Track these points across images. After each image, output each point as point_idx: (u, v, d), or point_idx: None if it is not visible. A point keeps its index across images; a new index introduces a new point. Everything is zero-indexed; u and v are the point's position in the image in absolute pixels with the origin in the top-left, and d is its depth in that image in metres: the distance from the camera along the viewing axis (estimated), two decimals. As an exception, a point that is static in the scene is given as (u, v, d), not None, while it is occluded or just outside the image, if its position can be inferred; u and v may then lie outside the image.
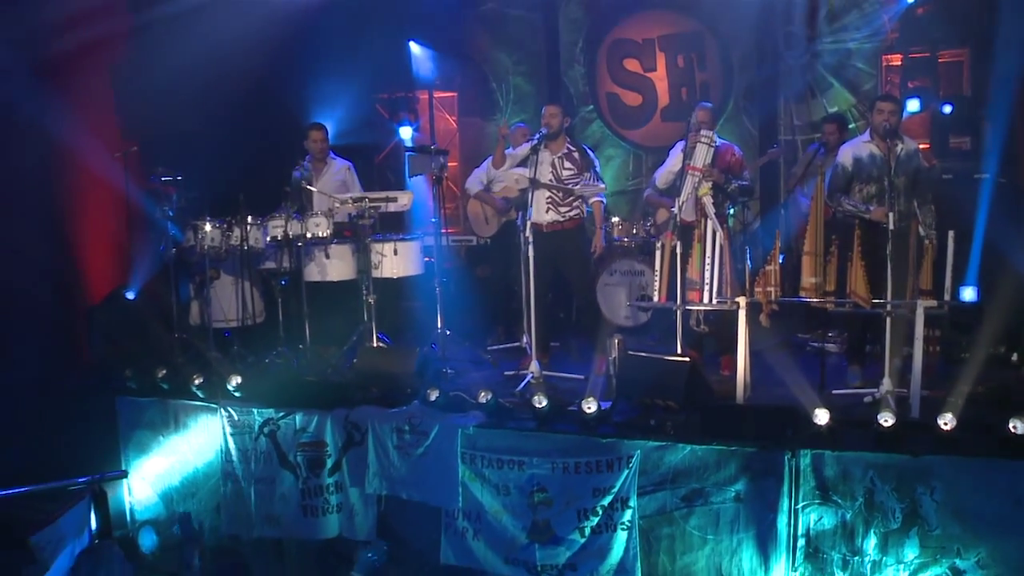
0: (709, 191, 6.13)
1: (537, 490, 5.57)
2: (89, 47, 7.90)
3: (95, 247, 8.11)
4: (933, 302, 5.56)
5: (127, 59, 8.20)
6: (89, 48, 7.90)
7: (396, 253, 7.19)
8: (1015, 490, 4.80)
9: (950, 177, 7.23)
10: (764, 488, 5.18)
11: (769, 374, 6.23)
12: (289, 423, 6.22)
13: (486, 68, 10.77)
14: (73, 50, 7.72)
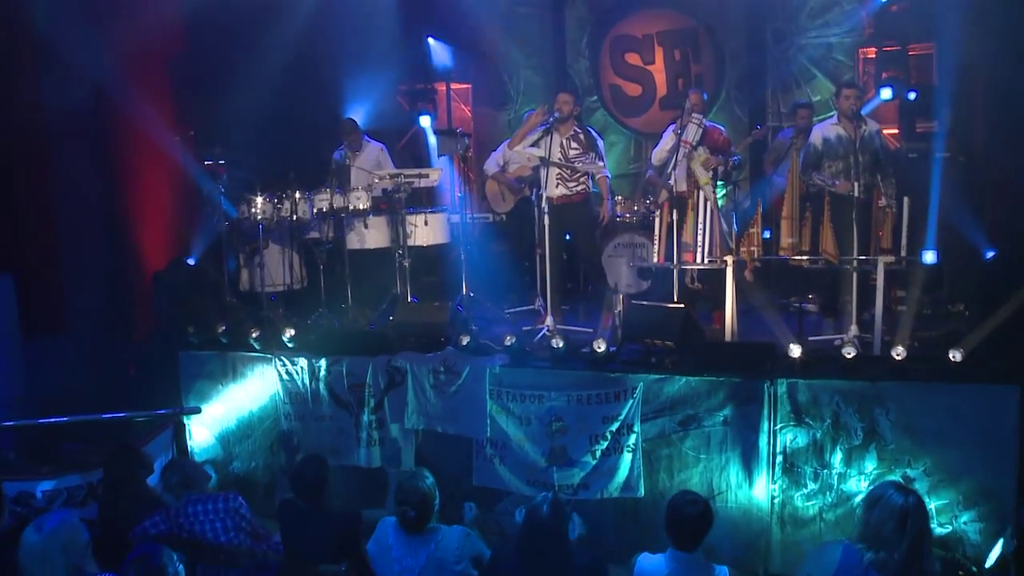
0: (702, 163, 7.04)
1: (555, 420, 6.49)
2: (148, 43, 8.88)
3: (158, 221, 9.07)
4: (891, 258, 6.51)
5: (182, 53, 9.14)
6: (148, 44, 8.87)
7: (427, 224, 8.13)
8: (954, 409, 5.73)
9: (915, 156, 8.14)
10: (747, 413, 6.10)
11: (754, 326, 7.17)
12: (338, 369, 7.13)
13: (498, 62, 11.60)
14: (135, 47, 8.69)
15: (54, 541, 3.85)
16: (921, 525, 3.76)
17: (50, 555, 3.84)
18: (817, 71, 10.21)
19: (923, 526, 3.78)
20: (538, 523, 3.99)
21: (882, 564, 3.72)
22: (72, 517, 4.01)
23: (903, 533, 3.71)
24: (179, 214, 9.33)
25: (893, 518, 3.75)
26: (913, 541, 3.70)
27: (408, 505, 4.40)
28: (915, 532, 3.71)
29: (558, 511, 4.04)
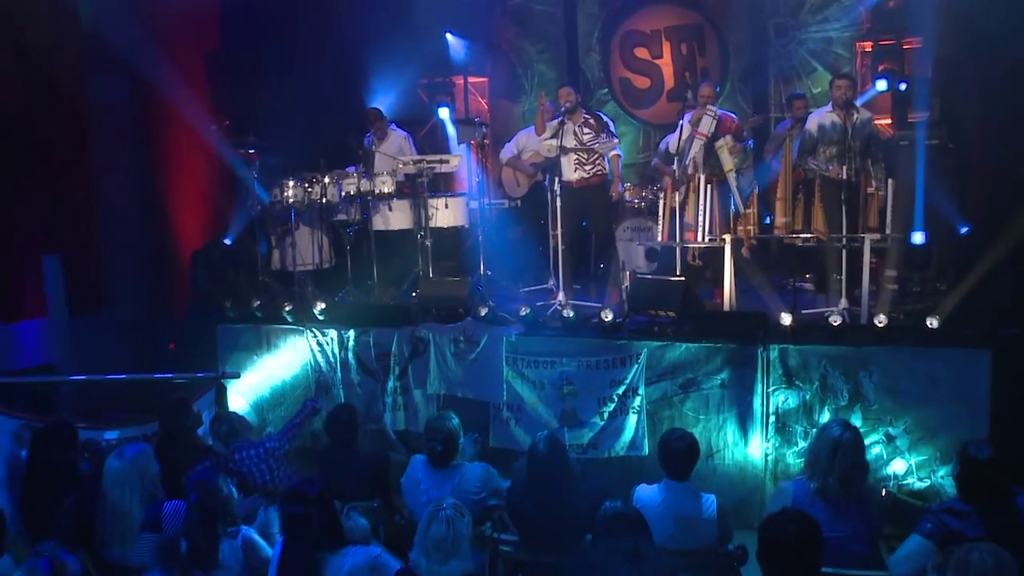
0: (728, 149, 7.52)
1: (566, 384, 7.05)
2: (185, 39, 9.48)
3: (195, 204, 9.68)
4: (877, 236, 7.03)
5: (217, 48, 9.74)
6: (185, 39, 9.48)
7: (447, 207, 8.69)
8: (931, 372, 6.28)
9: (906, 144, 8.62)
10: (743, 376, 6.66)
11: (752, 301, 7.69)
12: (365, 339, 7.71)
13: (513, 56, 12.05)
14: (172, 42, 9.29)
15: (133, 467, 4.44)
16: (851, 456, 4.33)
17: (130, 479, 4.42)
18: (817, 64, 10.68)
19: (853, 457, 4.34)
20: (539, 458, 4.57)
21: (821, 491, 4.30)
22: (147, 448, 4.59)
23: (834, 462, 4.28)
24: (215, 198, 9.94)
25: (826, 449, 4.35)
26: (844, 470, 4.28)
27: (436, 440, 4.97)
28: (845, 463, 4.29)
29: (555, 446, 4.61)
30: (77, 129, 9.08)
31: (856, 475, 4.33)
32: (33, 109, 8.61)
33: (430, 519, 3.72)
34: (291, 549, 3.96)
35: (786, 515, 3.44)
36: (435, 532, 3.69)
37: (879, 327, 6.42)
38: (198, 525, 4.17)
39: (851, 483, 4.30)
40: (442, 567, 3.68)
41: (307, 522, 3.89)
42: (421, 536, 3.72)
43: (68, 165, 9.00)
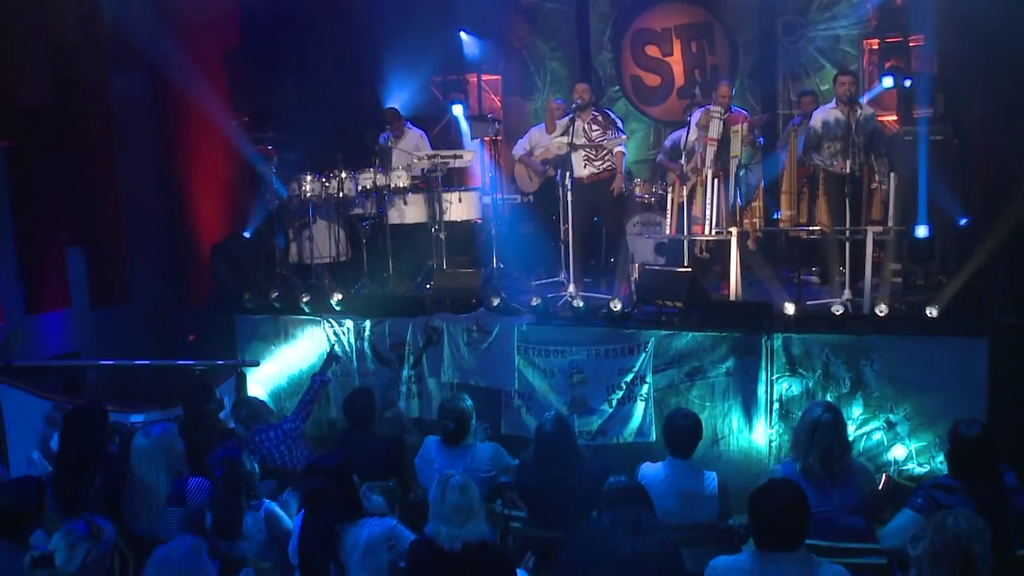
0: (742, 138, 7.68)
1: (575, 372, 7.25)
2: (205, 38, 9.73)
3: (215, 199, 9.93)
4: (879, 228, 7.20)
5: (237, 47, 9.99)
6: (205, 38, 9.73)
7: (460, 200, 8.90)
8: (930, 359, 6.45)
9: (911, 139, 8.78)
10: (747, 364, 6.84)
11: (758, 293, 7.88)
12: (381, 329, 7.93)
13: (526, 54, 12.27)
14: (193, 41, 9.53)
15: (160, 444, 4.66)
16: (830, 436, 4.52)
17: (156, 456, 4.65)
18: (825, 61, 10.85)
19: (832, 437, 4.53)
20: (546, 436, 4.79)
21: (805, 471, 4.50)
22: (173, 427, 4.82)
23: (813, 442, 4.47)
24: (235, 192, 10.19)
25: (806, 430, 4.55)
26: (823, 450, 4.46)
27: (449, 419, 5.19)
28: (823, 442, 4.48)
29: (562, 425, 4.83)
30: (101, 126, 9.31)
31: (835, 454, 4.51)
32: (59, 107, 8.84)
33: (443, 489, 3.93)
34: (311, 520, 4.17)
35: (773, 485, 3.64)
36: (451, 499, 3.89)
37: (880, 316, 6.60)
38: (223, 498, 4.39)
39: (831, 462, 4.49)
40: (461, 530, 3.88)
41: (327, 494, 4.10)
42: (437, 505, 3.92)
43: (92, 161, 9.23)
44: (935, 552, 3.27)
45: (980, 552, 3.22)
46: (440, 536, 3.88)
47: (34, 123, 8.64)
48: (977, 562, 3.22)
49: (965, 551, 3.22)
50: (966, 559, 3.22)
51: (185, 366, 7.23)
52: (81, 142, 9.13)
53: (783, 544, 3.44)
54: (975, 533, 3.25)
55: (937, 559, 3.27)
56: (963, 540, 3.24)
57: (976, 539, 3.24)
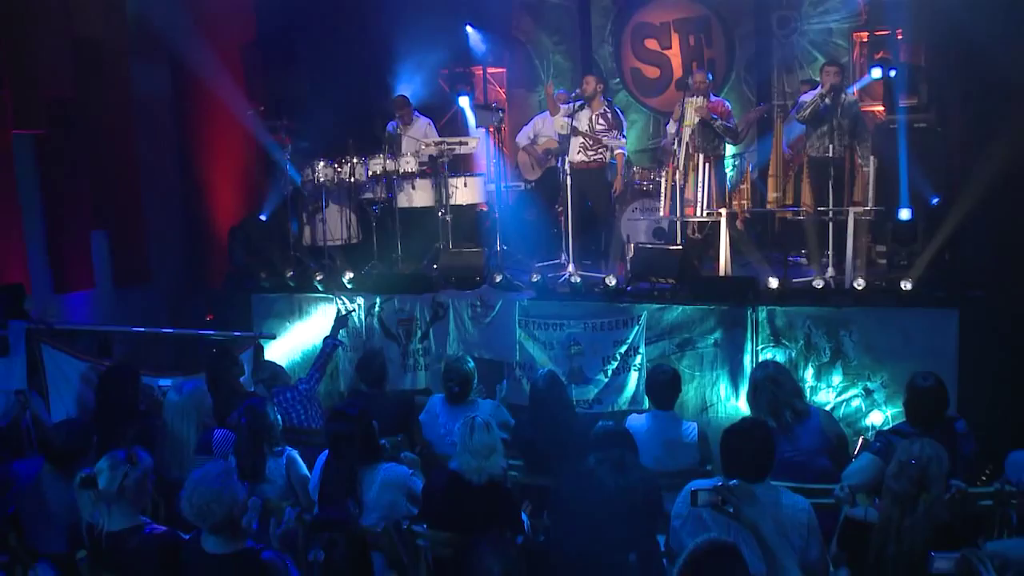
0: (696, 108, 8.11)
1: (573, 344, 7.70)
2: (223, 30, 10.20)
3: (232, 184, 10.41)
4: (861, 208, 7.62)
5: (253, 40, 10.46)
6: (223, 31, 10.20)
7: (466, 185, 9.35)
8: (905, 330, 6.88)
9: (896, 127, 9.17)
10: (734, 336, 7.28)
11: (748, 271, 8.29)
12: (390, 305, 8.39)
13: (530, 47, 12.65)
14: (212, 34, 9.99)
15: (191, 400, 5.13)
16: (769, 391, 4.97)
17: (187, 410, 5.11)
18: (818, 53, 11.21)
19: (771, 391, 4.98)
20: (539, 391, 5.24)
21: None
22: (202, 384, 5.27)
23: (759, 401, 4.91)
24: (251, 177, 10.66)
25: (749, 389, 5.01)
26: (768, 404, 4.90)
27: (453, 381, 5.65)
28: (765, 398, 4.93)
29: (554, 380, 5.28)
30: (123, 116, 9.76)
31: (779, 406, 4.94)
32: (83, 97, 9.29)
33: (470, 430, 4.40)
34: (334, 461, 4.62)
35: (743, 423, 4.10)
36: (478, 438, 4.37)
37: (858, 290, 7.03)
38: (246, 444, 4.84)
39: (779, 413, 4.93)
40: (487, 462, 4.37)
41: (349, 438, 4.55)
42: (466, 441, 4.40)
43: (114, 149, 9.68)
44: (899, 469, 3.71)
45: (935, 474, 3.65)
46: (468, 469, 4.34)
47: (61, 113, 9.08)
48: (931, 482, 3.64)
49: (923, 470, 3.64)
50: (922, 477, 3.64)
51: (207, 335, 7.68)
52: (105, 131, 9.57)
53: (750, 474, 3.86)
54: (935, 458, 3.68)
55: (899, 475, 3.70)
56: (923, 461, 3.67)
57: (935, 463, 3.67)
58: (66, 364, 5.97)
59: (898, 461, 3.76)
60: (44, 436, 4.95)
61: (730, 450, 3.94)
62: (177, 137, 10.49)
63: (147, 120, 10.02)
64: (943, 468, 3.72)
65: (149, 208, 10.12)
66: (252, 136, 9.95)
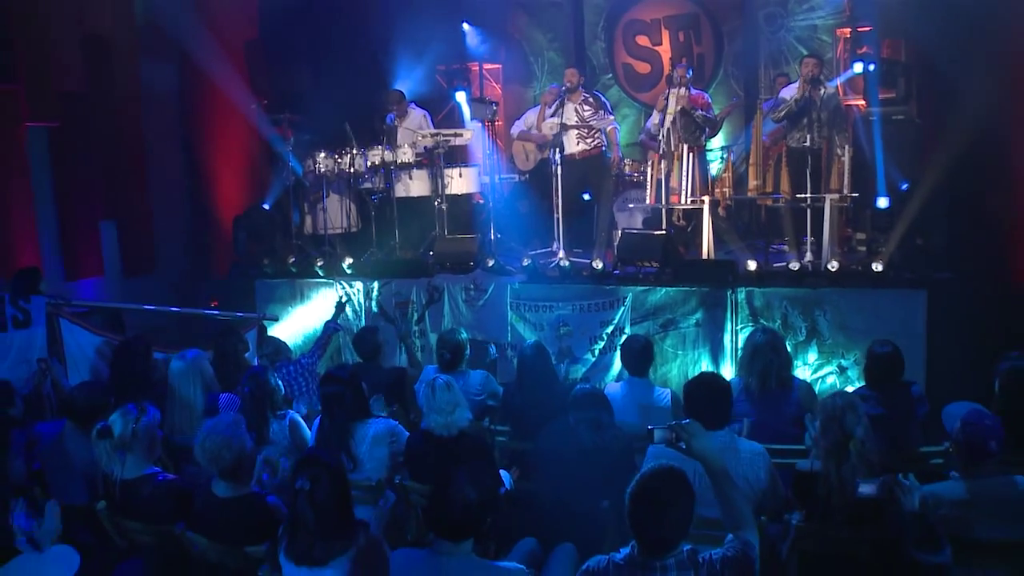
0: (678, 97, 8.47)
1: (562, 325, 8.07)
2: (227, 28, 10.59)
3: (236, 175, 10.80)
4: (836, 195, 7.97)
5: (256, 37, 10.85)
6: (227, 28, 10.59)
7: (461, 176, 9.71)
8: (877, 309, 7.24)
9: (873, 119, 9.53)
10: (715, 316, 7.64)
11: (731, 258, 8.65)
12: (388, 289, 8.76)
13: (525, 44, 12.98)
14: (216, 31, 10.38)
15: (194, 366, 5.50)
16: (767, 357, 5.29)
17: (191, 375, 5.48)
18: (803, 49, 11.54)
19: (769, 358, 5.31)
20: (526, 360, 5.62)
21: (747, 388, 5.30)
22: (204, 353, 5.64)
23: (753, 364, 5.27)
24: (255, 169, 11.06)
25: (747, 351, 5.35)
26: (761, 369, 5.25)
27: (446, 350, 6.02)
28: (762, 362, 5.26)
29: (540, 350, 5.65)
30: (131, 109, 10.16)
31: (771, 372, 5.29)
32: (93, 91, 9.70)
33: (432, 390, 4.77)
34: (327, 421, 4.99)
35: (703, 376, 4.47)
36: (440, 396, 4.74)
37: (832, 272, 7.39)
38: (250, 408, 5.21)
39: (768, 379, 5.28)
40: (452, 417, 4.73)
41: (341, 398, 4.92)
42: (429, 401, 4.76)
43: (122, 141, 10.08)
44: (822, 426, 4.05)
45: (852, 422, 3.96)
46: (436, 425, 4.71)
47: (72, 107, 9.48)
48: (851, 427, 3.96)
49: (841, 422, 3.97)
50: (842, 425, 3.96)
51: (212, 315, 8.05)
52: (114, 124, 9.98)
53: (711, 423, 4.20)
54: (848, 406, 4.01)
55: (823, 431, 4.04)
56: (838, 412, 3.99)
57: (849, 411, 3.98)
58: (82, 337, 6.35)
59: (821, 419, 4.07)
60: (64, 399, 5.32)
61: (692, 399, 4.32)
62: (183, 130, 10.89)
63: (155, 113, 10.43)
64: (859, 412, 4.01)
65: (156, 198, 10.53)
66: (255, 129, 10.36)
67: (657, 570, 3.01)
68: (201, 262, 10.97)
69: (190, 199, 11.05)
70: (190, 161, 10.97)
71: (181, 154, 10.97)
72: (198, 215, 10.98)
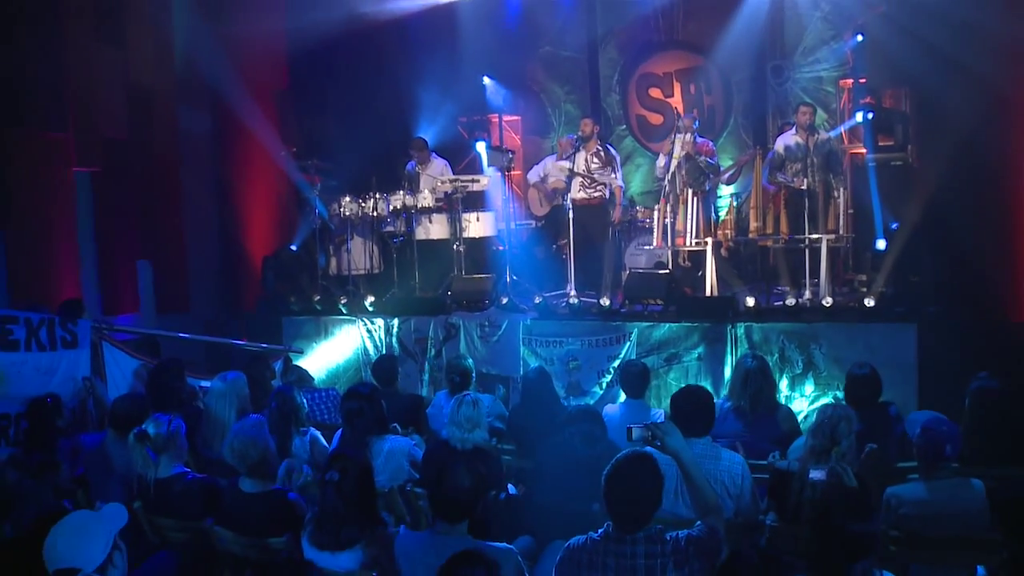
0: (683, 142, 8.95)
1: (571, 360, 8.48)
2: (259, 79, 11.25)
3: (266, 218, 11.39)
4: (832, 235, 8.38)
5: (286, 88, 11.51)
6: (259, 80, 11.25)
7: (478, 220, 10.20)
8: (869, 343, 7.59)
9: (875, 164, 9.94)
10: (716, 351, 8.03)
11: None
12: (407, 326, 9.23)
13: (543, 97, 13.52)
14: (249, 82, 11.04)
15: (233, 387, 5.95)
16: (759, 383, 5.68)
17: (229, 396, 5.94)
18: (809, 99, 12.05)
19: (760, 383, 5.68)
20: (530, 382, 6.04)
21: (736, 409, 5.69)
22: (242, 375, 6.11)
23: (745, 387, 5.65)
24: (283, 212, 11.67)
25: (739, 376, 5.73)
26: (753, 393, 5.64)
27: (455, 374, 6.46)
28: (754, 387, 5.65)
29: (542, 373, 6.08)
30: (169, 154, 10.81)
31: (762, 397, 5.68)
32: (134, 138, 10.35)
33: (458, 404, 5.19)
34: (348, 433, 5.43)
35: (688, 388, 4.87)
36: (464, 411, 5.16)
37: (826, 307, 7.78)
38: (276, 423, 5.65)
39: (758, 403, 5.67)
40: (469, 435, 5.13)
41: (361, 412, 5.36)
42: (452, 415, 5.18)
43: (160, 185, 10.71)
44: (816, 425, 4.47)
45: (844, 431, 4.39)
46: (453, 438, 5.13)
47: (114, 153, 10.13)
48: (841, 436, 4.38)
49: (834, 427, 4.39)
50: (834, 432, 4.39)
51: (242, 346, 8.55)
52: (152, 170, 10.62)
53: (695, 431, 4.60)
54: (845, 418, 4.44)
55: (816, 431, 4.46)
56: (834, 419, 4.42)
57: (844, 421, 4.42)
58: (122, 359, 6.85)
59: (817, 420, 4.50)
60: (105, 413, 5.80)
61: (677, 409, 4.72)
62: (217, 175, 11.53)
63: (191, 159, 11.07)
64: (852, 426, 4.44)
65: (190, 239, 11.12)
66: (285, 174, 10.98)
67: (628, 543, 3.41)
68: (231, 300, 11.52)
69: (222, 240, 11.64)
70: (223, 204, 11.58)
71: (214, 197, 11.59)
72: (229, 255, 11.55)
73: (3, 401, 5.89)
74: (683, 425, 4.51)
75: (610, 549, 3.44)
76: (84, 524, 3.11)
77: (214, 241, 11.54)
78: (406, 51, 12.22)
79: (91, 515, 3.21)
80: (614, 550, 3.43)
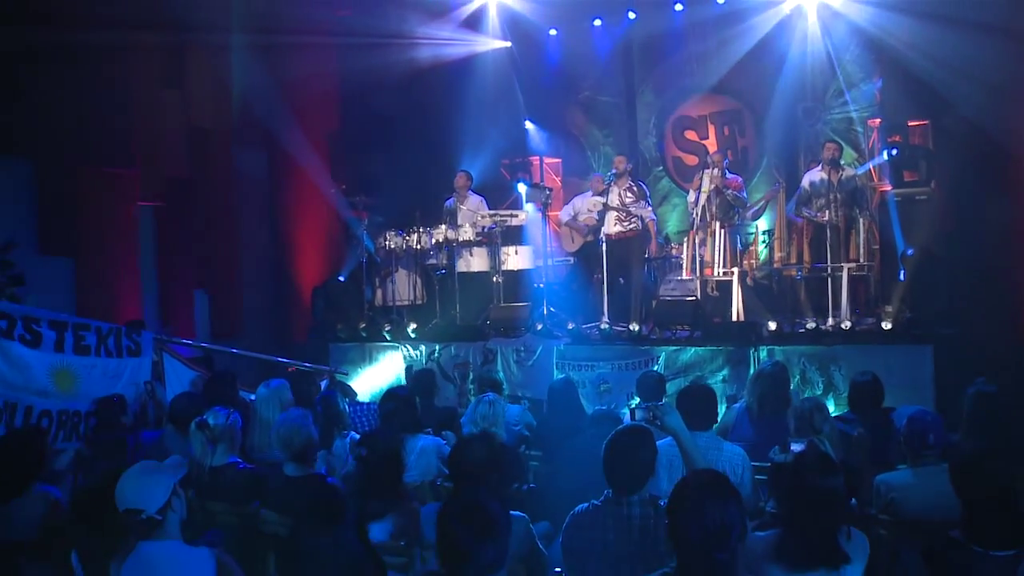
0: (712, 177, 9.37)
1: (602, 383, 8.87)
2: (311, 121, 11.95)
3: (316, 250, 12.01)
4: (853, 264, 8.72)
5: (337, 128, 12.20)
6: (311, 121, 11.94)
7: (517, 253, 10.69)
8: (887, 364, 7.84)
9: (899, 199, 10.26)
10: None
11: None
12: (447, 351, 9.71)
13: (583, 140, 14.01)
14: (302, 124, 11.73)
15: (277, 393, 6.43)
16: (766, 384, 6.02)
17: (273, 401, 6.41)
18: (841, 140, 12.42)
19: (768, 384, 6.03)
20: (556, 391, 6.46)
21: (748, 409, 6.04)
22: (286, 382, 6.60)
23: (754, 388, 6.01)
24: (332, 245, 12.31)
25: (752, 378, 6.09)
26: (760, 394, 5.99)
27: (485, 385, 6.89)
28: (761, 388, 5.99)
29: (568, 383, 6.50)
30: (226, 191, 11.52)
31: (768, 399, 6.02)
32: (194, 175, 11.06)
33: (477, 403, 5.62)
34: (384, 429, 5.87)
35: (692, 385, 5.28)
36: (481, 409, 5.58)
37: (845, 330, 8.11)
38: (320, 425, 6.12)
39: (764, 405, 6.01)
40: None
41: (396, 412, 5.81)
42: (471, 413, 5.61)
43: (217, 219, 11.40)
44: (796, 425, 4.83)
45: (820, 420, 4.75)
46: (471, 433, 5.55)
47: (176, 189, 10.84)
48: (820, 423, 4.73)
49: (810, 421, 4.75)
50: (812, 426, 4.76)
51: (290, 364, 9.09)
52: (210, 205, 11.30)
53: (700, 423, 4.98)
54: (815, 408, 4.80)
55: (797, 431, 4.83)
56: (807, 413, 4.78)
57: (816, 411, 4.78)
58: (181, 370, 7.42)
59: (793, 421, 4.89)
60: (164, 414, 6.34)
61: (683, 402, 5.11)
62: (270, 210, 12.22)
63: (246, 195, 11.76)
64: (824, 413, 4.82)
65: (245, 271, 11.76)
66: (334, 210, 11.64)
67: (624, 505, 3.80)
68: (283, 328, 12.10)
69: (275, 271, 12.27)
70: (276, 238, 12.24)
71: (268, 231, 12.26)
72: (281, 286, 12.17)
73: (75, 400, 6.45)
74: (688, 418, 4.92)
75: (609, 511, 3.83)
76: (149, 471, 3.59)
77: (267, 272, 12.17)
78: (450, 95, 12.84)
79: (155, 464, 3.70)
80: (612, 512, 3.82)
